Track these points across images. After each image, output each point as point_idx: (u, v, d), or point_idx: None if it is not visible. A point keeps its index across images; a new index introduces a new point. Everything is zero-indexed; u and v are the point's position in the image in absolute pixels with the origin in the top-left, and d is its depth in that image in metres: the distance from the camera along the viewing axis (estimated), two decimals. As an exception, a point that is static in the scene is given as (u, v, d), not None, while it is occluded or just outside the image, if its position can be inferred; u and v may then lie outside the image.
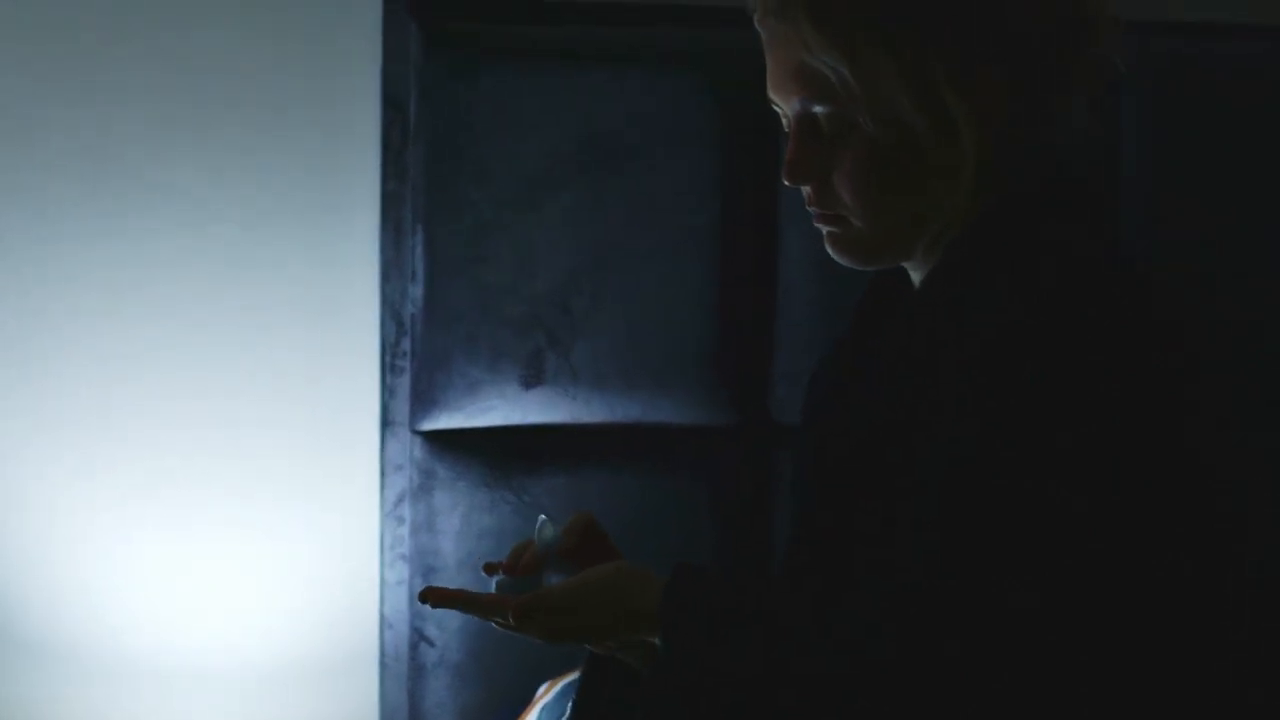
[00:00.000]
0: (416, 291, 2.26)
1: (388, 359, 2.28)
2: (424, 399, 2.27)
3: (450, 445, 2.28)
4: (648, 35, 2.31)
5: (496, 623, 1.50)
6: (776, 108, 1.45)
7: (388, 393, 2.28)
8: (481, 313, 2.27)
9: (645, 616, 1.41)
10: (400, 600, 2.29)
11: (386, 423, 2.29)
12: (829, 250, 1.46)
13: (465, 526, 2.28)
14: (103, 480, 2.26)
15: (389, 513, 2.29)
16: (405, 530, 2.28)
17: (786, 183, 1.44)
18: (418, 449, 2.28)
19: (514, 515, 2.28)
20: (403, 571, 2.28)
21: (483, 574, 1.61)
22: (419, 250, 2.25)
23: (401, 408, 2.28)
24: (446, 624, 2.28)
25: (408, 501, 2.28)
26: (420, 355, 2.27)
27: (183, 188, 2.25)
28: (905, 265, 1.48)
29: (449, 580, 2.28)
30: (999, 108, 1.37)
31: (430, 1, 2.25)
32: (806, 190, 1.44)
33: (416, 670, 2.30)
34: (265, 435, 2.30)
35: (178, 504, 2.28)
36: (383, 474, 2.29)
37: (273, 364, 2.30)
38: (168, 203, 2.25)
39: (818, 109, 1.40)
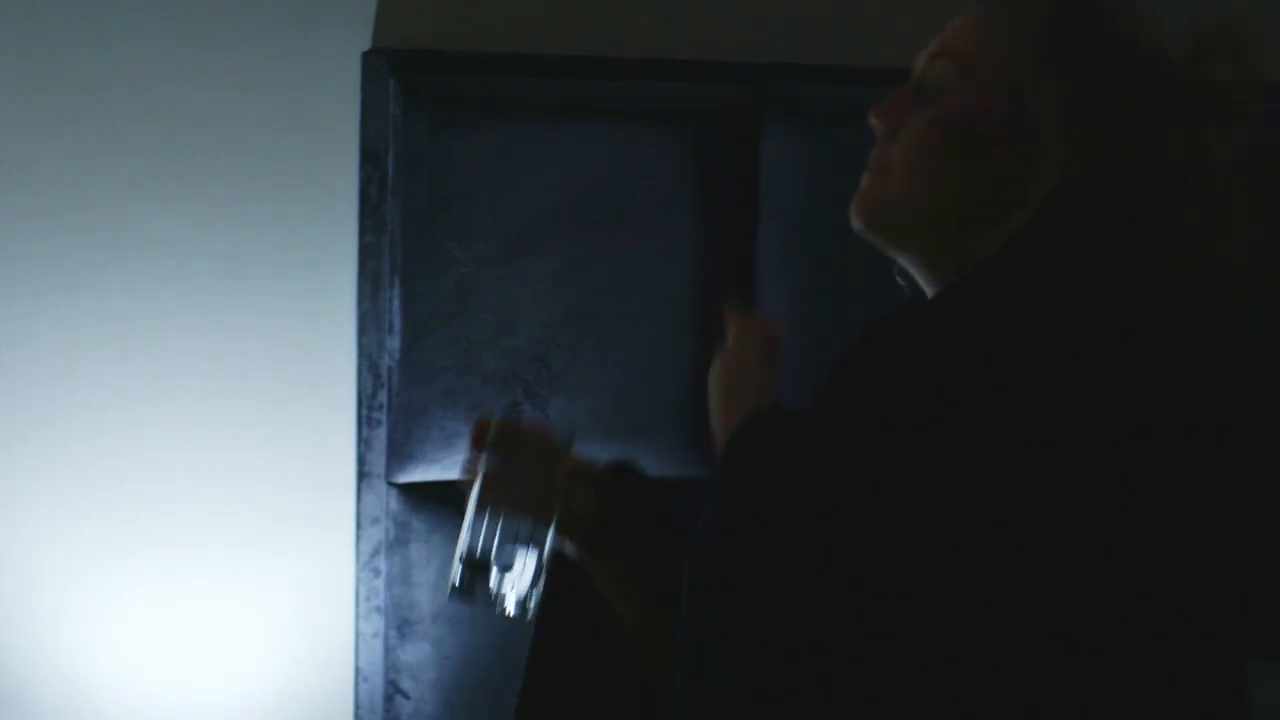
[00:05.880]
0: (394, 344, 2.26)
1: (364, 411, 2.28)
2: (400, 451, 2.27)
3: (426, 498, 2.28)
4: (628, 91, 2.32)
5: None
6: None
7: (364, 445, 2.28)
8: (460, 366, 2.27)
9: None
10: (375, 652, 2.28)
11: (363, 475, 2.29)
12: (851, 208, 1.46)
13: (440, 579, 2.28)
14: (77, 533, 2.25)
15: (364, 565, 2.29)
16: (380, 582, 2.28)
17: (871, 120, 1.45)
18: (394, 501, 2.28)
19: (490, 568, 2.28)
20: (378, 624, 2.28)
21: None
22: (397, 303, 2.26)
23: (378, 460, 2.28)
24: (421, 676, 2.28)
25: (383, 554, 2.28)
26: (397, 408, 2.27)
27: (161, 239, 2.26)
28: (921, 276, 1.47)
29: (424, 633, 2.27)
30: (1078, 155, 1.36)
31: (409, 57, 2.27)
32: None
33: (391, 723, 2.29)
34: (241, 486, 2.30)
35: (152, 556, 2.27)
36: (358, 526, 2.29)
37: (249, 415, 2.30)
38: (147, 254, 2.25)
39: (937, 65, 1.42)
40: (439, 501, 2.28)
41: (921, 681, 1.23)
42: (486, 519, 1.55)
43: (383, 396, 2.28)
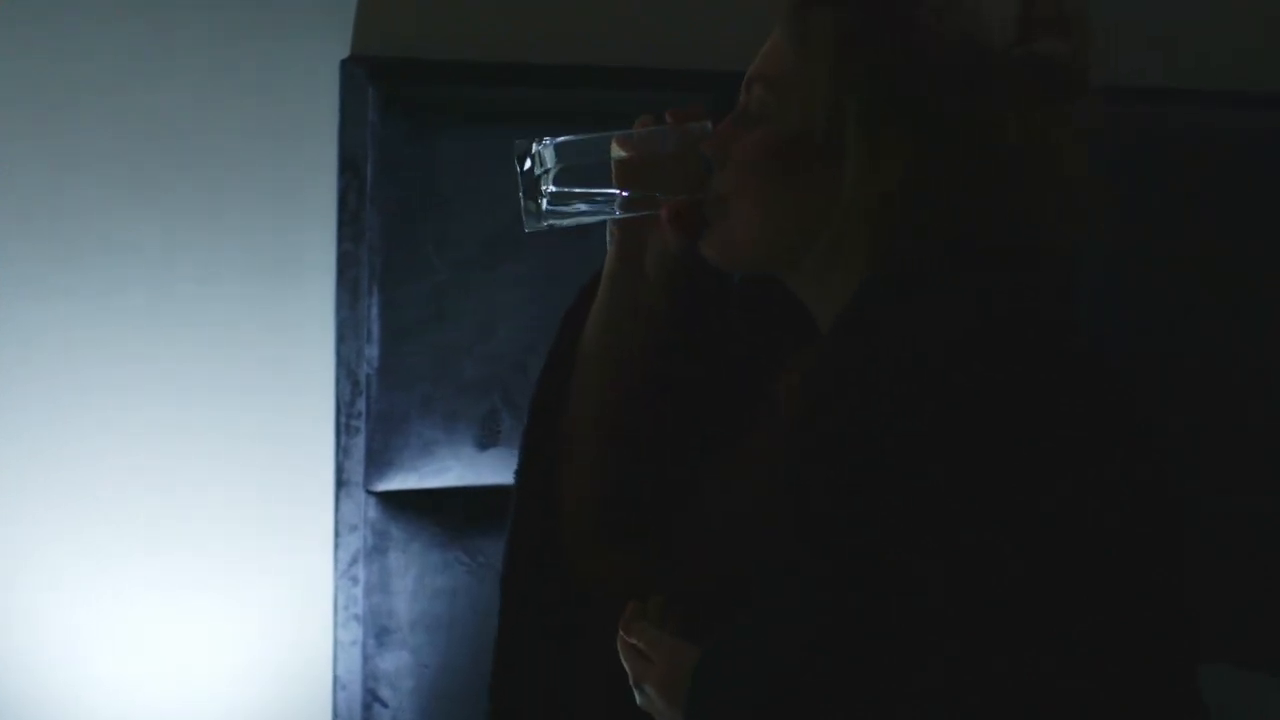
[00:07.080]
0: (372, 352, 2.26)
1: (343, 419, 2.28)
2: (379, 460, 2.27)
3: (405, 506, 2.28)
4: (605, 99, 2.33)
5: None
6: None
7: (342, 453, 2.28)
8: (438, 374, 2.27)
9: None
10: (354, 661, 2.28)
11: (341, 483, 2.28)
12: (703, 249, 1.45)
13: (419, 587, 2.28)
14: (56, 542, 2.25)
15: (343, 573, 2.28)
16: (359, 591, 2.28)
17: (704, 152, 1.45)
18: (372, 509, 2.28)
19: (467, 576, 2.27)
20: (356, 632, 2.27)
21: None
22: (375, 311, 2.26)
23: (356, 468, 2.28)
24: (400, 685, 2.27)
25: (361, 562, 2.28)
26: (375, 416, 2.27)
27: (140, 247, 2.25)
28: (808, 300, 1.45)
29: (402, 641, 2.27)
30: (896, 161, 1.34)
31: (388, 65, 2.27)
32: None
33: (369, 732, 2.29)
34: (219, 495, 2.29)
35: (128, 563, 2.27)
36: (337, 534, 2.29)
37: (227, 423, 2.29)
38: (125, 262, 2.25)
39: (754, 90, 1.42)
40: (417, 510, 2.28)
41: (921, 681, 1.23)
42: (613, 157, 1.52)
43: (361, 404, 2.27)
